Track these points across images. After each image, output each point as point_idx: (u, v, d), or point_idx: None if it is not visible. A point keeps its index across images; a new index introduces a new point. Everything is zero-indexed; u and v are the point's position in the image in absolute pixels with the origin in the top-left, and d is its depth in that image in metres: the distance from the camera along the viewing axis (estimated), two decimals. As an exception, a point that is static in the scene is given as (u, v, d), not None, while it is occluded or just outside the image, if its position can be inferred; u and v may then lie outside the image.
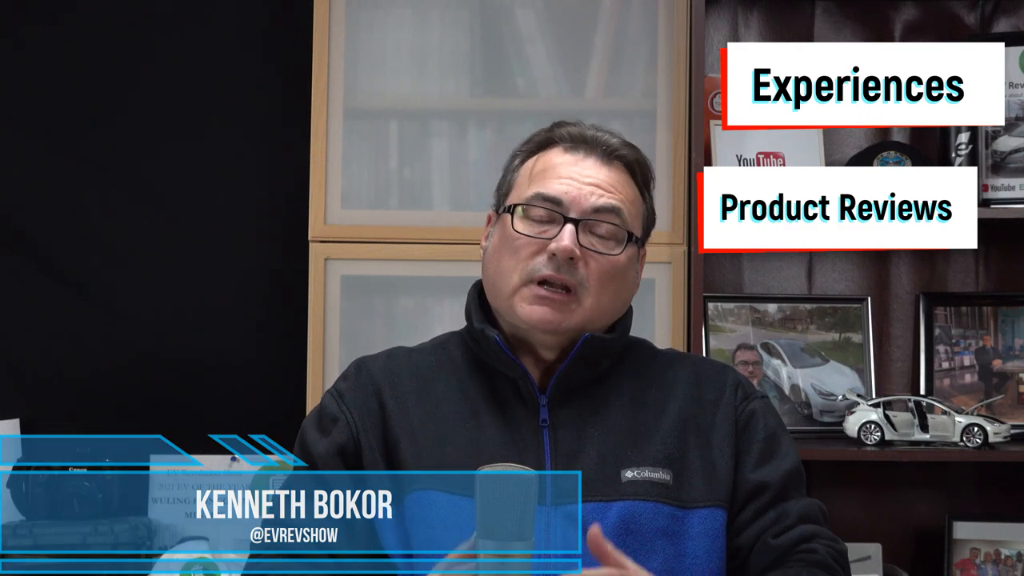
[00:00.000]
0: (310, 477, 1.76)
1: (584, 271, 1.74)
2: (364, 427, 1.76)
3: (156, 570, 2.56)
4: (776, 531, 1.74)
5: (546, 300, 1.73)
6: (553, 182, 1.77)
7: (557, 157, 1.80)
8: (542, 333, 1.75)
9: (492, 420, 1.76)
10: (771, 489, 1.76)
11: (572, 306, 1.74)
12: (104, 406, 2.94)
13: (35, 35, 2.96)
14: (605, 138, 1.82)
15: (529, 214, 1.76)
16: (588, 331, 1.76)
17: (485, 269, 1.82)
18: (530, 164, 1.82)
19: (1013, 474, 2.90)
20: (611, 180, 1.79)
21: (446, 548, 1.69)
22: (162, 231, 2.96)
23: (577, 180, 1.77)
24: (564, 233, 1.73)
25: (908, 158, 2.77)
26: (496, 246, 1.79)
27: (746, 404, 1.82)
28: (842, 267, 2.96)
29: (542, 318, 1.74)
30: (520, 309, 1.74)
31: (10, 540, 2.65)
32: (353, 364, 1.85)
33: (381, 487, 1.74)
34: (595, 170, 1.79)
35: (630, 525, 1.71)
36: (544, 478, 1.71)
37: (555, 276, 1.73)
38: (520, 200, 1.78)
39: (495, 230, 1.82)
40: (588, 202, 1.76)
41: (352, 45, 2.76)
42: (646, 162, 1.85)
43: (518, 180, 1.82)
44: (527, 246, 1.75)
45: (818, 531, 1.76)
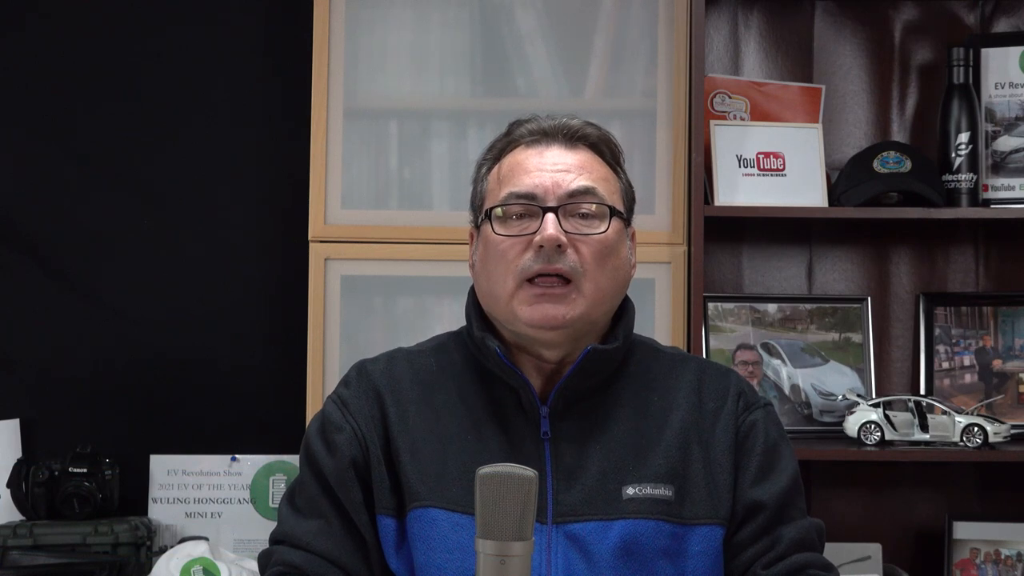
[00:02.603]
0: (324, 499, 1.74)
1: (575, 257, 1.71)
2: (371, 437, 1.74)
3: (156, 570, 2.56)
4: (767, 560, 1.72)
5: (545, 296, 1.70)
6: (522, 178, 1.74)
7: (521, 154, 1.77)
8: (548, 331, 1.72)
9: (493, 432, 1.73)
10: (767, 509, 1.73)
11: (572, 296, 1.71)
12: (104, 406, 2.94)
13: (35, 35, 2.96)
14: (564, 122, 1.78)
15: (506, 216, 1.74)
16: (592, 319, 1.74)
17: (477, 283, 1.79)
18: (496, 170, 1.79)
19: (1013, 474, 2.90)
20: (579, 162, 1.76)
21: (446, 567, 1.68)
22: (162, 231, 2.96)
23: (546, 170, 1.74)
24: (546, 223, 1.70)
25: (908, 158, 2.77)
26: (482, 257, 1.77)
27: (747, 415, 1.79)
28: (842, 267, 2.97)
29: (545, 315, 1.70)
30: (521, 312, 1.71)
31: (10, 540, 2.65)
32: (354, 368, 1.83)
33: (386, 506, 1.73)
34: (561, 156, 1.76)
35: (631, 545, 1.69)
36: (545, 496, 1.70)
37: (548, 268, 1.70)
38: (494, 204, 1.75)
39: (479, 244, 1.79)
40: (562, 188, 1.73)
41: (352, 45, 2.76)
42: (611, 138, 1.82)
43: (488, 188, 1.79)
44: (512, 247, 1.72)
45: (811, 560, 1.73)
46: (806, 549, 1.74)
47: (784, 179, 2.78)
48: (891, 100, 2.97)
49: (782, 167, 2.78)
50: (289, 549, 1.71)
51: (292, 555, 1.70)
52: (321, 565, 1.69)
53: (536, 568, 1.66)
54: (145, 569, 2.67)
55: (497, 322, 1.78)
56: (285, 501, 1.78)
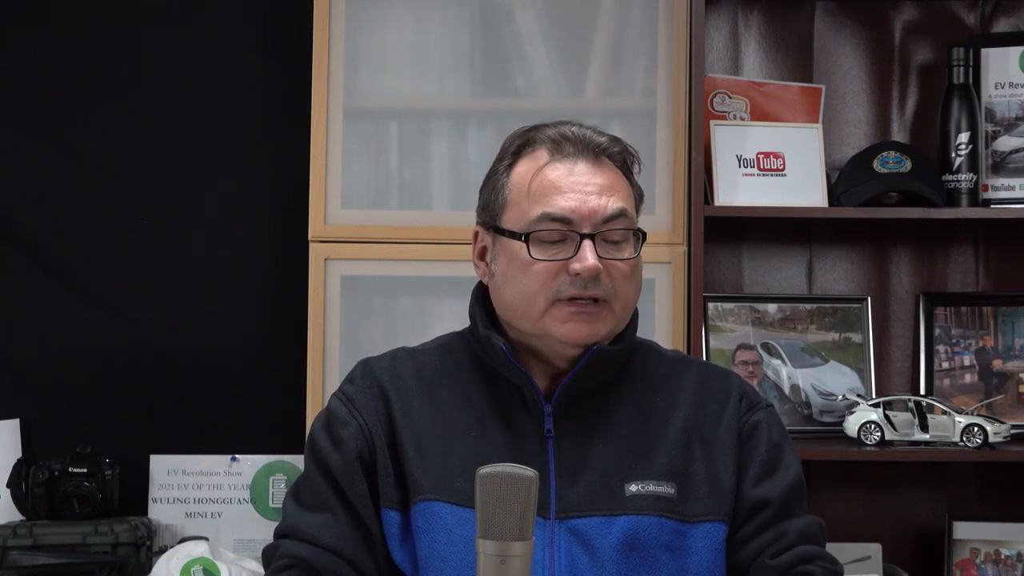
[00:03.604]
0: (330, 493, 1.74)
1: (608, 282, 1.73)
2: (376, 431, 1.75)
3: (156, 570, 2.56)
4: (774, 551, 1.73)
5: (580, 315, 1.72)
6: (556, 199, 1.73)
7: (549, 170, 1.75)
8: (575, 347, 1.74)
9: (497, 429, 1.74)
10: (772, 506, 1.75)
11: (604, 315, 1.73)
12: (104, 406, 2.94)
13: (35, 35, 2.96)
14: (590, 137, 1.78)
15: (539, 236, 1.73)
16: (617, 332, 1.76)
17: (499, 293, 1.77)
18: (519, 178, 1.77)
19: (1013, 474, 2.90)
20: (608, 181, 1.76)
21: (449, 560, 1.69)
22: (162, 231, 2.96)
23: (579, 191, 1.74)
24: (585, 252, 1.71)
25: (908, 158, 2.76)
26: (509, 272, 1.75)
27: (750, 415, 1.80)
28: (842, 267, 2.96)
29: (581, 335, 1.72)
30: (556, 330, 1.72)
31: (10, 540, 2.65)
32: (358, 365, 1.83)
33: (391, 500, 1.74)
34: (590, 176, 1.75)
35: (634, 541, 1.70)
36: (548, 492, 1.71)
37: (584, 294, 1.72)
38: (527, 226, 1.73)
39: (499, 254, 1.77)
40: (597, 215, 1.73)
41: (352, 45, 2.76)
42: (629, 148, 1.82)
43: (511, 198, 1.76)
44: (546, 270, 1.73)
45: (816, 552, 1.75)
46: (811, 543, 1.75)
47: (784, 179, 2.78)
48: (891, 100, 2.96)
49: (782, 167, 2.78)
50: (295, 542, 1.72)
51: (298, 548, 1.71)
52: (327, 558, 1.70)
53: (539, 563, 1.67)
54: (145, 569, 2.67)
55: (508, 324, 1.78)
56: (289, 497, 1.78)
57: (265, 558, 1.76)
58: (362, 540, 1.72)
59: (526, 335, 1.76)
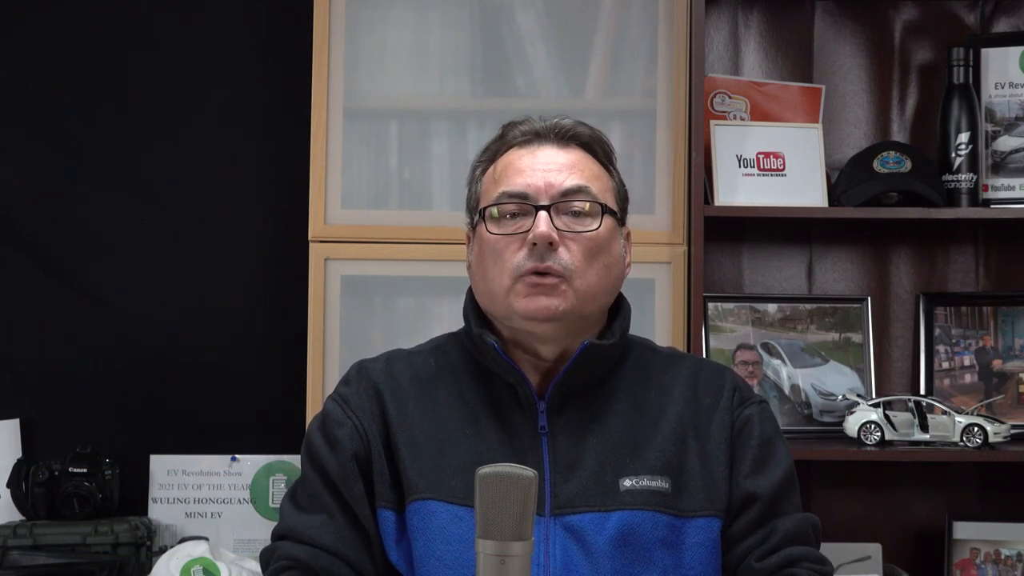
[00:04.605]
0: (326, 494, 1.75)
1: (567, 255, 1.73)
2: (371, 432, 1.76)
3: (156, 570, 2.56)
4: (761, 553, 1.73)
5: (539, 287, 1.72)
6: (515, 178, 1.77)
7: (514, 155, 1.80)
8: (542, 323, 1.74)
9: (491, 427, 1.75)
10: (761, 501, 1.75)
11: (562, 288, 1.73)
12: (104, 406, 2.94)
13: (35, 35, 2.96)
14: (556, 122, 1.81)
15: (500, 215, 1.76)
16: (583, 314, 1.76)
17: (475, 282, 1.81)
18: (490, 171, 1.82)
19: (1013, 474, 2.90)
20: (571, 161, 1.78)
21: (445, 559, 1.69)
22: (162, 231, 2.96)
23: (538, 169, 1.77)
24: (539, 220, 1.73)
25: (908, 158, 2.76)
26: (478, 257, 1.79)
27: (742, 409, 1.81)
28: (842, 267, 2.97)
29: (539, 306, 1.72)
30: (517, 305, 1.73)
31: (10, 540, 2.65)
32: (353, 367, 1.85)
33: (387, 500, 1.74)
34: (554, 156, 1.78)
35: (628, 536, 1.70)
36: (542, 489, 1.71)
37: (540, 266, 1.72)
38: (488, 203, 1.78)
39: (475, 244, 1.82)
40: (554, 187, 1.75)
41: (352, 45, 2.76)
42: (602, 137, 1.84)
43: (483, 189, 1.81)
44: (507, 246, 1.74)
45: (804, 553, 1.74)
46: (800, 543, 1.75)
47: (784, 179, 2.78)
48: (891, 100, 2.97)
49: (782, 167, 2.78)
50: (292, 544, 1.73)
51: (296, 550, 1.72)
52: (325, 558, 1.71)
53: (535, 559, 1.68)
54: (145, 569, 2.67)
55: (495, 320, 1.80)
56: (287, 499, 1.79)
57: (263, 560, 1.76)
58: (359, 541, 1.73)
59: (509, 328, 1.77)
